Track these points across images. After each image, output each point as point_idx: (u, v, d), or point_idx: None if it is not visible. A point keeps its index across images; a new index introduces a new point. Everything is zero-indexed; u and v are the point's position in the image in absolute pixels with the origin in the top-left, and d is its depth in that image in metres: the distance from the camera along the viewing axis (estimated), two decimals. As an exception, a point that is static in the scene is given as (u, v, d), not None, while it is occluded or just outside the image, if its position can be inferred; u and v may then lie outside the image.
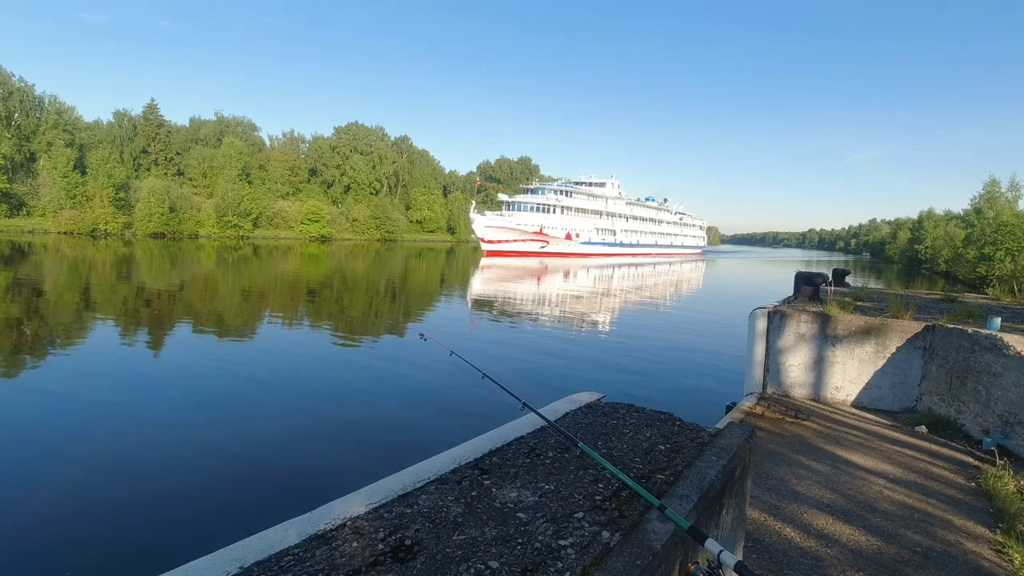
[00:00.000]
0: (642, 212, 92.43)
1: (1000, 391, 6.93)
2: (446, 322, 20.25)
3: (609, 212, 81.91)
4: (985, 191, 63.70)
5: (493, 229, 64.89)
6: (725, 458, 2.49)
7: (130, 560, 5.23)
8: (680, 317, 24.37)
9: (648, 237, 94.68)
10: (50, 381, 10.67)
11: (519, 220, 68.10)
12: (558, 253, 70.97)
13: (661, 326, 21.27)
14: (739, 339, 10.81)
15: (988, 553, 4.43)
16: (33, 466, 7.03)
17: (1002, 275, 34.28)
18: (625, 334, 18.87)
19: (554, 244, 70.84)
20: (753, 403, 8.24)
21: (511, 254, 65.63)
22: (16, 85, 68.56)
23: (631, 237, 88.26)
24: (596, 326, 20.59)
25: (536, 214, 70.76)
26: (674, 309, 27.54)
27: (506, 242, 65.64)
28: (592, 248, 76.75)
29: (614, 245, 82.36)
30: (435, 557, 1.66)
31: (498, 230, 65.34)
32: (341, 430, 8.81)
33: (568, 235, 72.29)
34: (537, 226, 68.60)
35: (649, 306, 28.01)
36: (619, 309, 26.15)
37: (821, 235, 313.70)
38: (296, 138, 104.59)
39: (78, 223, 62.72)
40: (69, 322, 16.48)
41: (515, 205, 72.23)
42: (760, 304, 9.95)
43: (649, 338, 18.12)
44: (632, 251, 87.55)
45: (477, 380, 3.45)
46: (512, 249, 66.09)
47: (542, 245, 69.41)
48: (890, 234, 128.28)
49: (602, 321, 21.94)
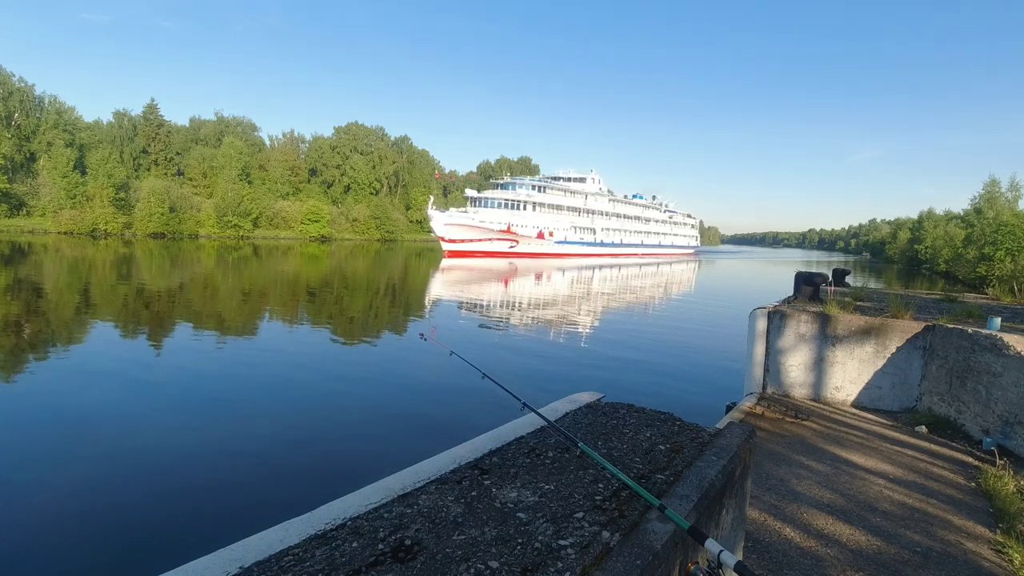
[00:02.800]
0: (626, 210, 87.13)
1: (1000, 391, 6.93)
2: (447, 321, 20.26)
3: (588, 209, 76.69)
4: (985, 191, 63.74)
5: (455, 227, 59.75)
6: (725, 458, 2.49)
7: (130, 560, 5.23)
8: (680, 317, 24.37)
9: (633, 236, 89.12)
10: (50, 381, 10.67)
11: (484, 217, 62.63)
12: (529, 253, 66.06)
13: (661, 326, 21.27)
14: (739, 339, 10.81)
15: (988, 553, 4.43)
16: (34, 466, 7.03)
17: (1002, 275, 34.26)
18: (625, 334, 18.87)
19: (524, 244, 65.97)
20: (753, 403, 8.24)
21: (475, 254, 60.62)
22: (16, 85, 68.59)
23: (614, 236, 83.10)
24: (596, 326, 20.59)
25: (504, 211, 65.21)
26: (674, 309, 27.54)
27: (470, 241, 60.64)
28: (568, 248, 71.82)
29: (594, 245, 77.33)
30: (435, 557, 1.66)
31: (460, 228, 60.04)
32: (341, 430, 8.81)
33: (540, 234, 67.32)
34: (504, 224, 63.25)
35: (649, 306, 28.02)
36: (619, 309, 26.14)
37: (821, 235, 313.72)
38: (296, 138, 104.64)
39: (78, 223, 62.72)
40: (69, 322, 16.48)
41: (482, 201, 66.48)
42: (760, 304, 9.96)
43: (649, 338, 18.13)
44: (615, 251, 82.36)
45: (477, 380, 3.45)
46: (477, 249, 61.08)
47: (511, 245, 64.70)
48: (890, 234, 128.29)
49: (602, 321, 21.94)
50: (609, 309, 25.77)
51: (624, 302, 28.99)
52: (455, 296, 28.33)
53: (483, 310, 23.32)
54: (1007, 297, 13.50)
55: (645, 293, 34.16)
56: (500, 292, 31.15)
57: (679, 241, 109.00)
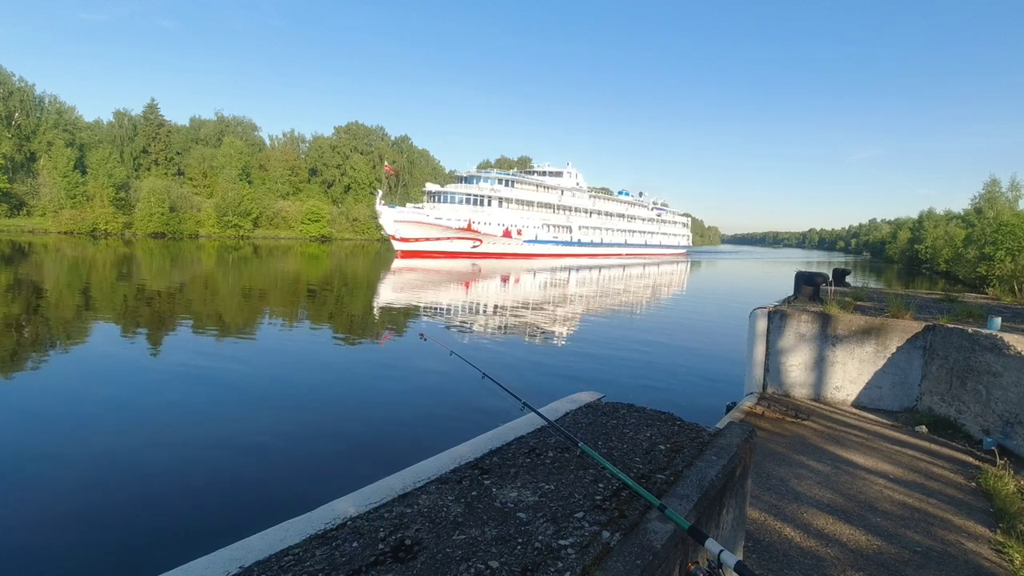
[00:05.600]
0: (608, 206, 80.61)
1: (1000, 391, 6.93)
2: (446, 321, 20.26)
3: (564, 206, 71.00)
4: (985, 191, 63.84)
5: (407, 224, 53.95)
6: (725, 458, 2.49)
7: (130, 560, 5.23)
8: (680, 317, 24.38)
9: (616, 235, 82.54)
10: (50, 381, 10.67)
11: (442, 214, 56.81)
12: (493, 253, 60.20)
13: (661, 326, 21.27)
14: (739, 339, 10.81)
15: (988, 553, 4.43)
16: (34, 466, 7.03)
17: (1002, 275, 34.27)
18: (625, 334, 18.87)
19: (489, 243, 60.14)
20: (753, 403, 8.24)
21: (432, 254, 55.05)
22: (16, 85, 68.64)
23: (593, 235, 76.89)
24: (596, 326, 20.59)
25: (467, 207, 59.34)
26: (674, 309, 27.54)
27: (425, 240, 54.98)
28: (539, 248, 65.86)
29: (570, 244, 71.44)
30: (435, 557, 1.66)
31: (414, 226, 54.32)
32: (341, 430, 8.81)
33: (507, 232, 61.45)
34: (464, 221, 57.45)
35: (649, 306, 28.02)
36: (619, 309, 26.14)
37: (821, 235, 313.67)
38: (296, 138, 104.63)
39: (78, 223, 62.76)
40: (69, 322, 16.48)
41: (443, 196, 60.46)
42: (760, 304, 9.96)
43: (649, 338, 18.12)
44: (594, 251, 76.22)
45: (477, 380, 3.45)
46: (433, 249, 55.45)
47: (475, 244, 59.17)
48: (890, 234, 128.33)
49: (602, 321, 21.94)
50: (610, 309, 25.77)
51: (624, 302, 28.98)
52: (399, 300, 26.11)
53: (504, 307, 23.32)
54: (1007, 297, 13.49)
55: (621, 298, 30.76)
56: (452, 296, 28.04)
57: (668, 240, 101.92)
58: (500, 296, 29.39)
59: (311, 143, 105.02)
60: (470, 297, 28.16)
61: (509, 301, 27.07)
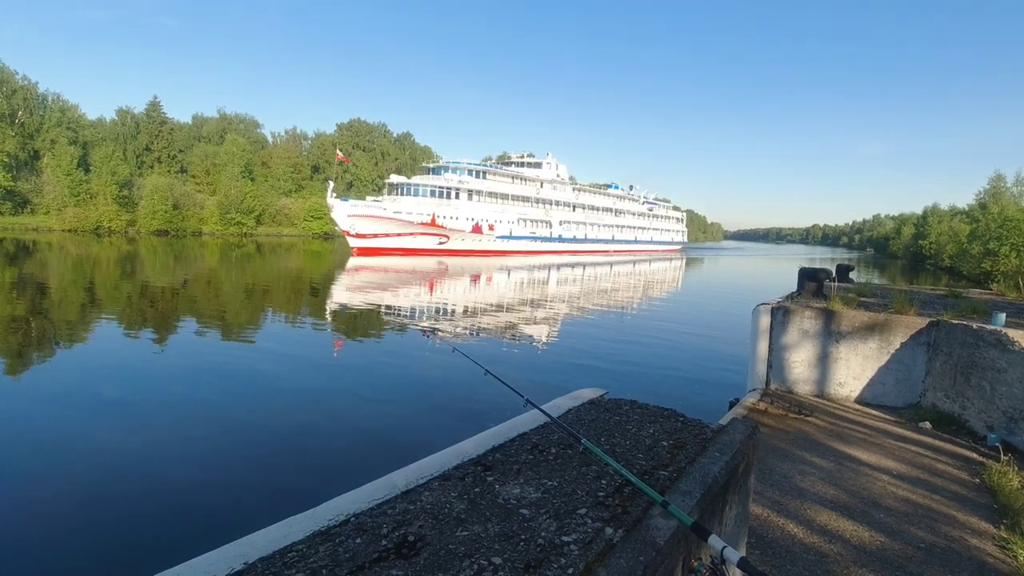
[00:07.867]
0: (594, 200, 75.14)
1: (1005, 387, 6.90)
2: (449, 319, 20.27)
3: (543, 199, 65.39)
4: (990, 186, 63.42)
5: (362, 219, 48.44)
6: (728, 454, 2.49)
7: (135, 556, 5.26)
8: (683, 313, 24.34)
9: (603, 231, 76.72)
10: (54, 378, 10.72)
11: (403, 207, 51.18)
12: (459, 251, 55.15)
13: (664, 322, 21.24)
14: (742, 335, 10.79)
15: (992, 549, 4.42)
16: (39, 462, 7.07)
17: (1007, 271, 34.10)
18: (628, 330, 18.86)
19: (456, 239, 54.94)
20: (756, 399, 8.23)
21: (392, 251, 49.91)
22: (19, 83, 68.67)
23: (576, 231, 71.09)
24: (598, 322, 20.57)
25: (432, 199, 54.16)
26: (677, 305, 27.50)
27: (384, 236, 49.69)
28: (513, 244, 60.39)
29: (549, 240, 65.50)
30: (438, 553, 1.66)
31: (370, 220, 48.78)
32: (344, 426, 8.84)
33: (477, 227, 56.20)
34: (427, 215, 51.90)
35: (652, 302, 27.98)
36: (622, 305, 26.12)
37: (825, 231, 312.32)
38: (299, 135, 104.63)
39: (82, 221, 62.89)
40: (74, 319, 16.55)
41: (407, 189, 55.28)
42: (764, 300, 9.93)
43: (652, 334, 18.10)
44: (577, 248, 70.64)
45: (479, 376, 3.45)
46: (393, 245, 50.31)
47: (441, 241, 54.14)
48: (894, 230, 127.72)
49: (605, 317, 21.92)
50: (610, 307, 25.75)
51: (626, 299, 28.95)
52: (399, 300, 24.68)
53: (505, 305, 23.31)
54: (1012, 293, 13.43)
55: (621, 296, 29.39)
56: (398, 297, 25.82)
57: (661, 236, 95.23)
58: (459, 297, 27.05)
59: (313, 140, 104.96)
60: (430, 298, 26.01)
61: (472, 302, 24.97)
